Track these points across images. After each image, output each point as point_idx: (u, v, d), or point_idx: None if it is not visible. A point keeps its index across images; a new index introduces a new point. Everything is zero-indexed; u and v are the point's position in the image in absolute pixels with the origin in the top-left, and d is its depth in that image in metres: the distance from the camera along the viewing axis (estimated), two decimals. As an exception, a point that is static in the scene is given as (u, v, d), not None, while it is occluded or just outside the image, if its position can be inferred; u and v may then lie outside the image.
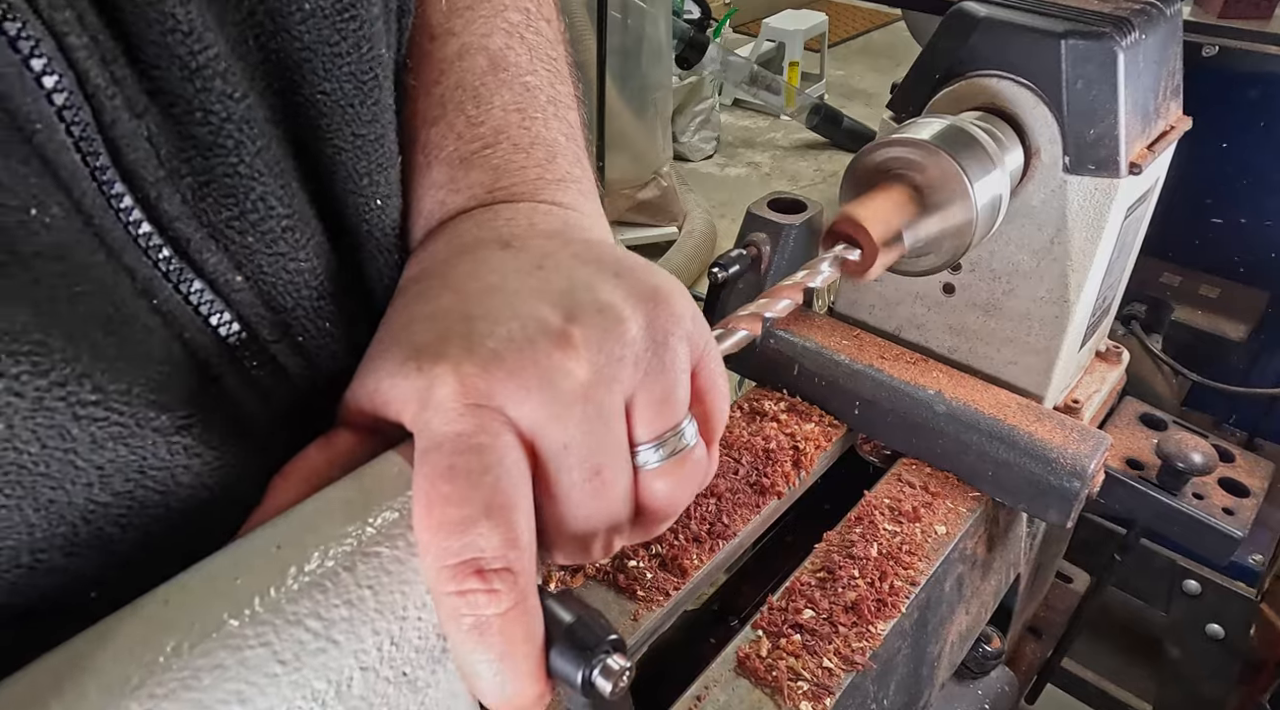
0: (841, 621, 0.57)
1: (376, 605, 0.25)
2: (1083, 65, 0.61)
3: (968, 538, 0.66)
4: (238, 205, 0.29)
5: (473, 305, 0.29)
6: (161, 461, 0.27)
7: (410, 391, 0.28)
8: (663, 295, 0.31)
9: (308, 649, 0.24)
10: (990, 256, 0.70)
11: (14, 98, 0.23)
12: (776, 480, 0.66)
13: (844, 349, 0.73)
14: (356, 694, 0.25)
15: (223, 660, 0.23)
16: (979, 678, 0.84)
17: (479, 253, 0.33)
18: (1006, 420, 0.66)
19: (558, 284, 0.30)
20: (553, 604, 0.28)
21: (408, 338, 0.29)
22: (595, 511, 0.29)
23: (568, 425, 0.27)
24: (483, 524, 0.25)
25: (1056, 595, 1.08)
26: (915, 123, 0.59)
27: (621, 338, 0.29)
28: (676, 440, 0.31)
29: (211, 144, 0.28)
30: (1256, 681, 1.08)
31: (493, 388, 0.27)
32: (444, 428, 0.27)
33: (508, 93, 0.38)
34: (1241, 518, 0.74)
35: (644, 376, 0.29)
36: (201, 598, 0.24)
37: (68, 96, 0.24)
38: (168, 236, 0.27)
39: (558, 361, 0.28)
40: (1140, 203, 0.71)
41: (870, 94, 4.42)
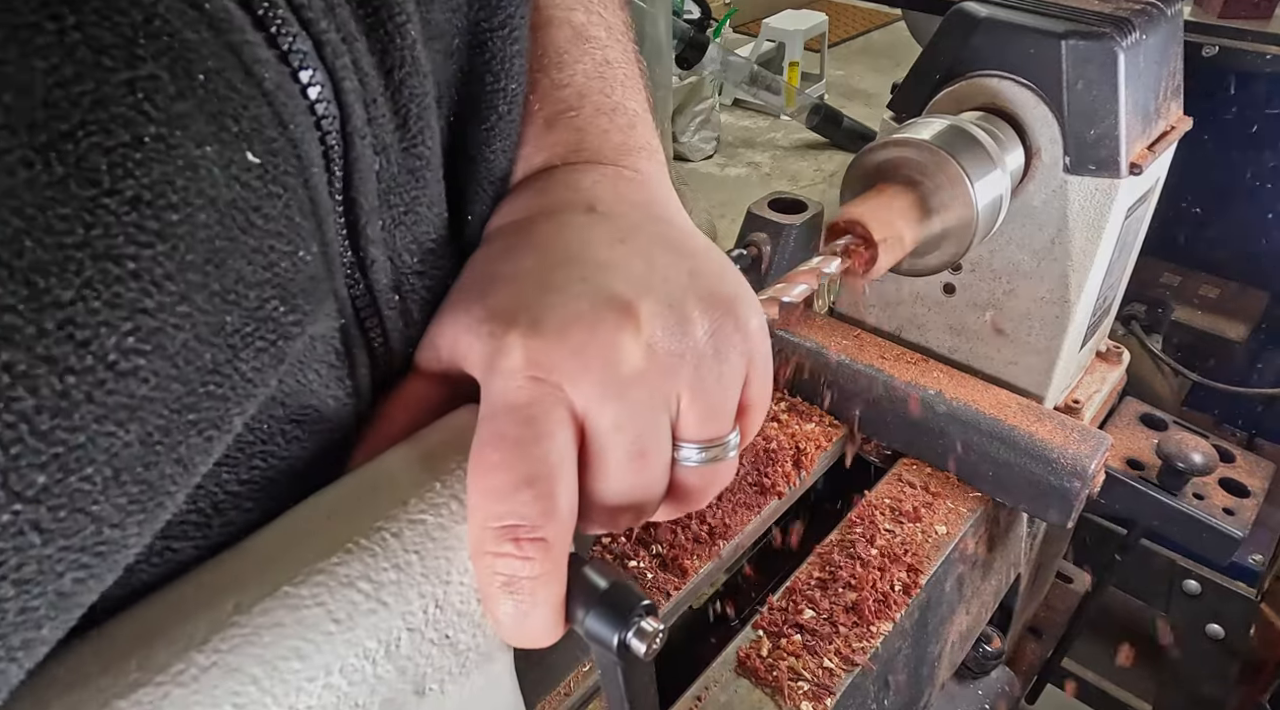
0: (842, 621, 0.57)
1: (423, 569, 0.27)
2: (1083, 65, 0.61)
3: (968, 538, 0.66)
4: (415, 231, 0.31)
5: (550, 273, 0.31)
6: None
7: (480, 352, 0.29)
8: (734, 303, 0.32)
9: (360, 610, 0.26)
10: (990, 256, 0.70)
11: (304, 143, 0.25)
12: (777, 480, 0.66)
13: (844, 349, 0.73)
14: (404, 654, 0.27)
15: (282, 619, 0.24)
16: (979, 678, 0.84)
17: (564, 215, 0.33)
18: (1007, 420, 0.66)
19: (635, 266, 0.31)
20: (589, 571, 0.29)
21: (484, 296, 0.31)
22: (631, 490, 0.30)
23: (620, 407, 0.29)
24: (525, 493, 0.27)
25: (1056, 595, 1.08)
26: (916, 123, 0.59)
27: (686, 338, 0.30)
28: (720, 450, 0.32)
29: (417, 178, 0.31)
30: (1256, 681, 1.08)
31: (555, 362, 0.28)
32: (503, 396, 0.28)
33: (589, 62, 0.38)
34: (1241, 518, 0.74)
35: (699, 381, 0.30)
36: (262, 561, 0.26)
37: (334, 137, 0.26)
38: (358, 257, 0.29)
39: (621, 344, 0.29)
40: (1141, 203, 0.71)
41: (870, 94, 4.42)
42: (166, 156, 0.20)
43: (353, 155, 0.27)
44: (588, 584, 0.29)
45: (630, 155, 0.37)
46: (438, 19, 0.31)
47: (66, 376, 0.19)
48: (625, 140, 0.38)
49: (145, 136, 0.20)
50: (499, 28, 0.33)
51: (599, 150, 0.37)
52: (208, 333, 0.22)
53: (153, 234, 0.20)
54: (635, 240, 0.32)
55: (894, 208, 0.56)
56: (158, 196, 0.20)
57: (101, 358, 0.19)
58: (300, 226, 0.25)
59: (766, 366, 0.33)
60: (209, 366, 0.23)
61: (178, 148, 0.21)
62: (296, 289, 0.25)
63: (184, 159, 0.21)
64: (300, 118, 0.24)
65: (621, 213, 0.34)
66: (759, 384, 0.33)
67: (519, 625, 0.28)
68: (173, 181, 0.20)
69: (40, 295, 0.18)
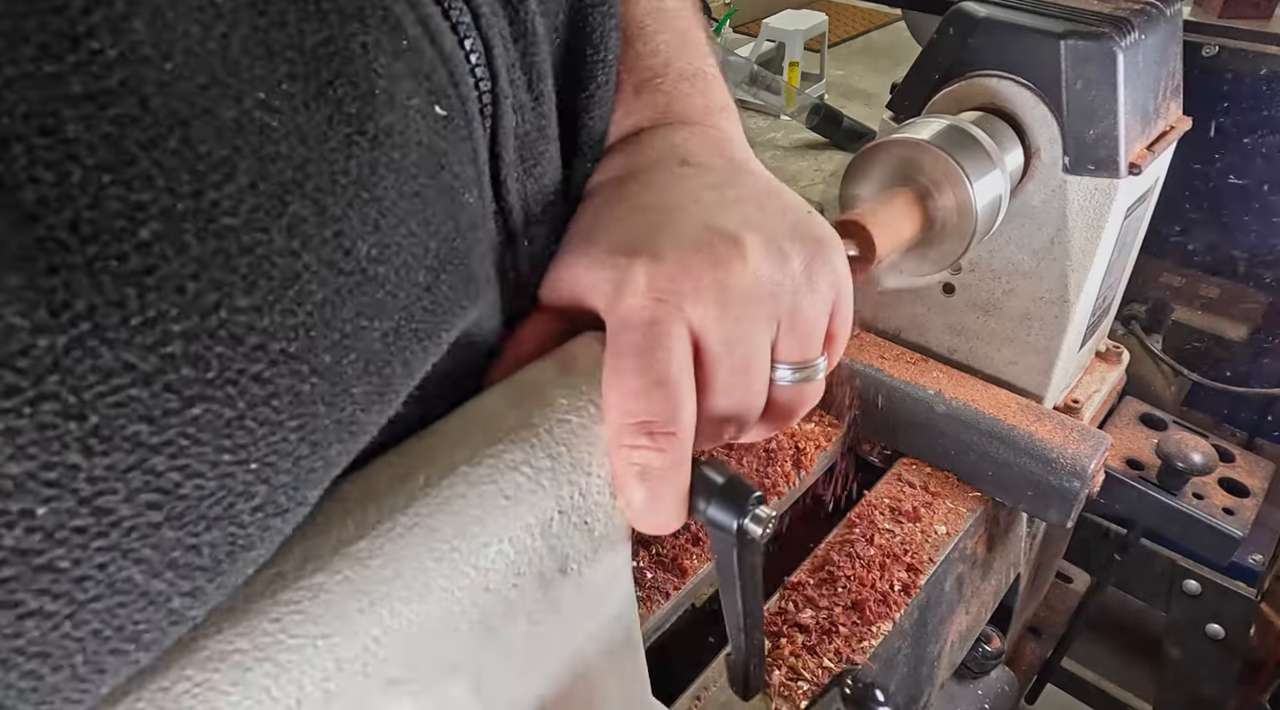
0: (842, 621, 0.57)
1: (571, 460, 0.31)
2: (1082, 65, 0.61)
3: (968, 537, 0.66)
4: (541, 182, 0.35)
5: (661, 214, 0.34)
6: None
7: (606, 282, 0.33)
8: (823, 243, 0.35)
9: (524, 489, 0.29)
10: (990, 256, 0.70)
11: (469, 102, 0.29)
12: (777, 480, 0.66)
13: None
14: (555, 532, 0.30)
15: (463, 492, 0.28)
16: (979, 677, 0.84)
17: (661, 169, 0.37)
18: (1006, 420, 0.66)
19: (735, 207, 0.35)
20: (707, 468, 0.33)
21: (603, 238, 0.34)
22: (736, 402, 0.34)
23: (730, 324, 0.32)
24: (656, 393, 0.30)
25: (1056, 595, 1.08)
26: (915, 123, 0.59)
27: (784, 268, 0.33)
28: (810, 371, 0.36)
29: (543, 134, 0.34)
30: (1256, 681, 1.08)
31: (675, 285, 0.31)
32: (632, 313, 0.32)
33: (669, 32, 0.42)
34: (1241, 518, 0.74)
35: (796, 308, 0.34)
36: (442, 447, 0.30)
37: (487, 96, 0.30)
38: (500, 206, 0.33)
39: (732, 271, 0.32)
40: (1140, 203, 0.71)
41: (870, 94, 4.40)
42: (390, 105, 0.24)
43: (499, 113, 0.31)
44: (706, 479, 0.32)
45: (713, 115, 0.41)
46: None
47: (339, 276, 0.23)
48: (706, 102, 0.41)
49: (377, 89, 0.24)
50: (599, 3, 0.37)
51: (684, 112, 0.40)
52: (421, 254, 0.26)
53: (385, 167, 0.24)
54: (730, 188, 0.36)
55: (893, 208, 0.56)
56: (387, 137, 0.24)
57: (358, 262, 0.23)
58: (469, 173, 0.29)
59: (849, 300, 0.37)
60: (423, 284, 0.26)
61: (397, 98, 0.25)
62: (467, 224, 0.29)
63: (402, 108, 0.25)
64: (466, 79, 0.29)
65: (713, 165, 0.37)
66: (843, 315, 0.37)
67: (650, 510, 0.32)
68: (396, 126, 0.25)
69: (324, 210, 0.22)
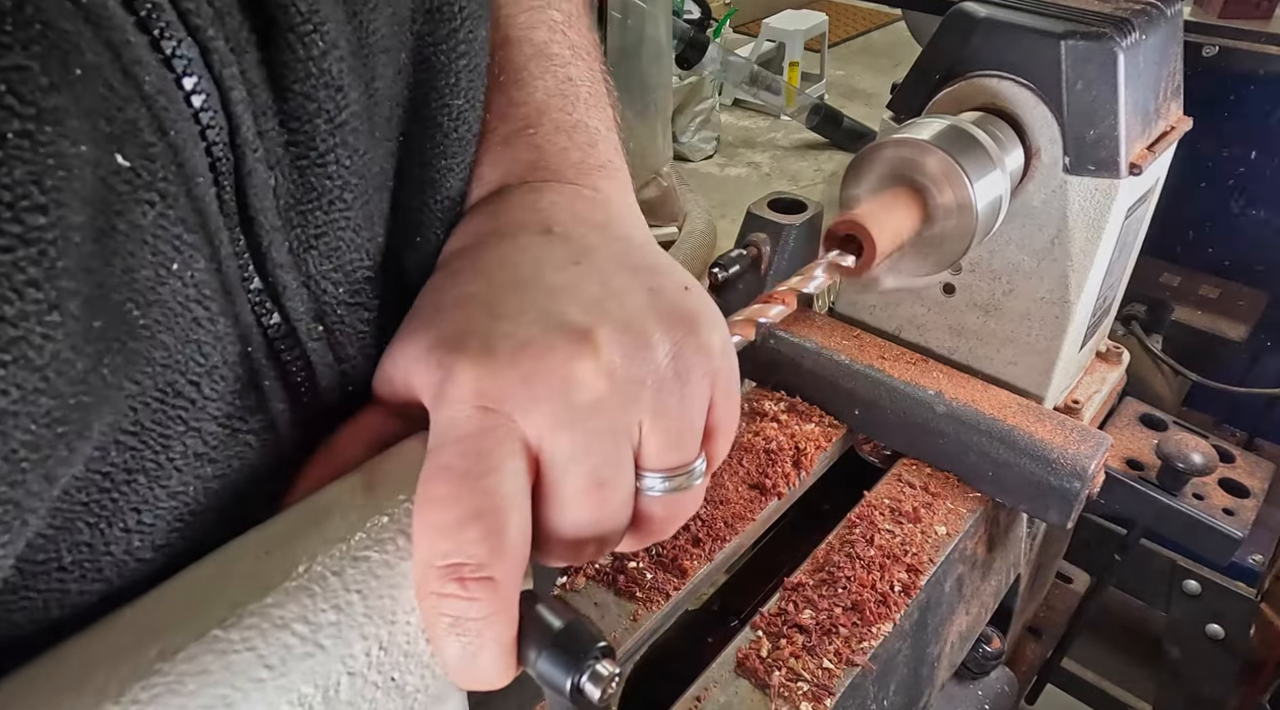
0: (841, 622, 0.57)
1: (365, 610, 0.26)
2: (1083, 66, 0.60)
3: (968, 538, 0.66)
4: (336, 259, 0.30)
5: (502, 297, 0.29)
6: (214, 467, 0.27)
7: (428, 382, 0.28)
8: (695, 323, 0.30)
9: (294, 653, 0.24)
10: (990, 256, 0.70)
11: (186, 151, 0.23)
12: (777, 481, 0.66)
13: (844, 349, 0.73)
14: (344, 699, 0.25)
15: (208, 665, 0.23)
16: (979, 678, 0.84)
17: (519, 238, 0.32)
18: (1007, 421, 0.66)
19: (590, 289, 0.30)
20: (543, 610, 0.28)
21: (435, 323, 0.29)
22: (592, 522, 0.29)
23: (575, 437, 0.27)
24: (471, 530, 0.26)
25: (1056, 595, 1.08)
26: (915, 123, 0.59)
27: (646, 362, 0.29)
28: (685, 478, 0.31)
29: (333, 198, 0.29)
30: (1256, 681, 1.08)
31: (504, 391, 0.27)
32: (451, 427, 0.27)
33: (550, 79, 0.38)
34: (1241, 518, 0.74)
35: (661, 407, 0.29)
36: (188, 603, 0.24)
37: (221, 148, 0.25)
38: (266, 282, 0.28)
39: (575, 372, 0.27)
40: (1140, 203, 0.71)
41: (870, 94, 4.42)
42: (34, 155, 0.19)
43: (244, 169, 0.26)
44: (541, 623, 0.28)
45: (590, 174, 0.36)
46: (382, 30, 0.29)
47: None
48: (584, 158, 0.37)
49: (8, 132, 0.19)
50: (443, 41, 0.32)
51: (558, 168, 0.36)
52: (80, 341, 0.21)
53: (14, 237, 0.19)
54: (592, 261, 0.31)
55: (893, 208, 0.56)
56: (20, 197, 0.19)
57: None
58: (183, 239, 0.24)
59: (731, 387, 0.32)
60: (79, 377, 0.21)
61: (48, 145, 0.19)
62: (169, 300, 0.24)
63: (55, 157, 0.19)
64: (183, 124, 0.23)
65: (579, 233, 0.33)
66: (725, 406, 0.32)
67: (467, 667, 0.27)
68: (40, 181, 0.19)
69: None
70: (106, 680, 0.22)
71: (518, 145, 0.36)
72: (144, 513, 0.25)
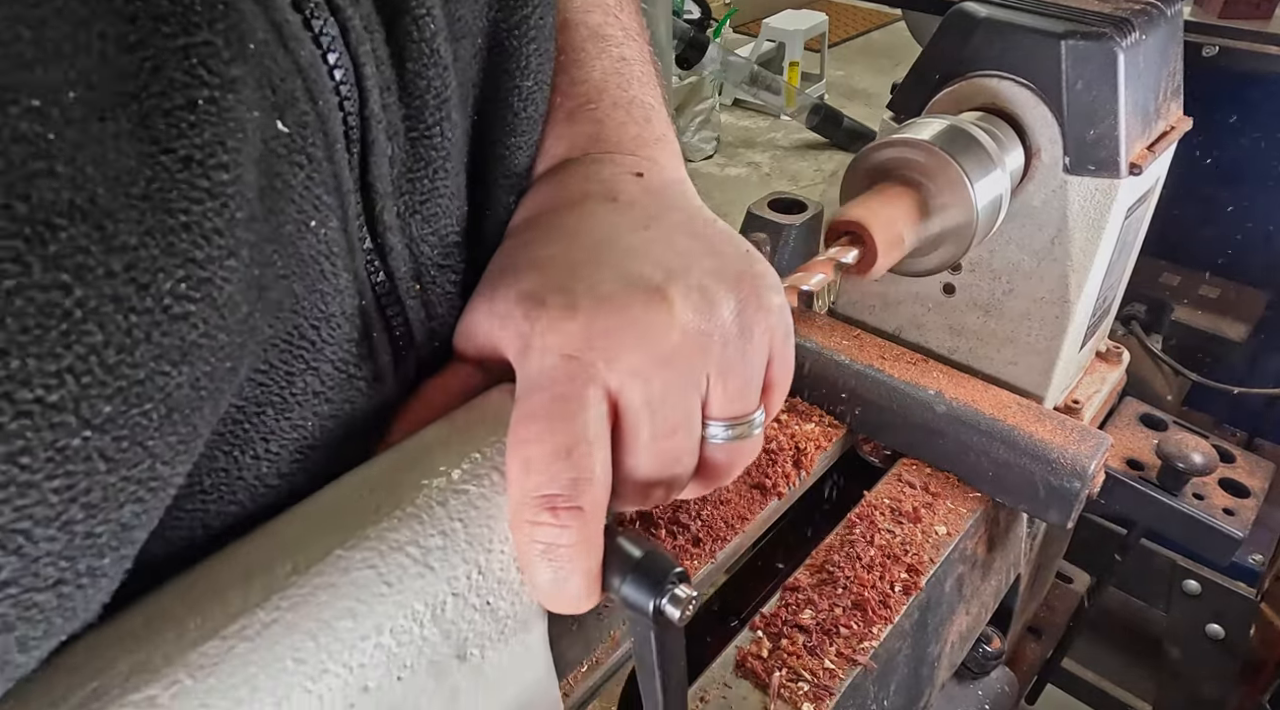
0: (842, 622, 0.57)
1: (467, 537, 0.28)
2: (1083, 66, 0.61)
3: (968, 538, 0.66)
4: (433, 224, 0.32)
5: (580, 258, 0.31)
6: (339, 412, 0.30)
7: (515, 335, 0.30)
8: (757, 283, 0.32)
9: (408, 573, 0.27)
10: (990, 256, 0.70)
11: (330, 120, 0.27)
12: (778, 481, 0.66)
13: (844, 349, 0.73)
14: (448, 617, 0.28)
15: (335, 580, 0.25)
16: (979, 678, 0.84)
17: (587, 205, 0.34)
18: (1007, 420, 0.66)
19: (660, 251, 0.32)
20: (623, 541, 0.30)
21: (516, 281, 0.31)
22: (662, 466, 0.31)
23: (651, 386, 0.29)
24: (562, 464, 0.28)
25: (1056, 595, 1.08)
26: (915, 123, 0.59)
27: (713, 318, 0.31)
28: (745, 428, 0.33)
29: (436, 168, 0.32)
30: (1256, 681, 1.08)
31: (588, 341, 0.29)
32: (539, 374, 0.29)
33: (606, 60, 0.40)
34: (1242, 518, 0.74)
35: (727, 360, 0.31)
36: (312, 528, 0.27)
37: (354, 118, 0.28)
38: (376, 242, 0.31)
39: (653, 325, 0.29)
40: (1140, 203, 0.71)
41: (870, 94, 4.42)
42: (218, 118, 0.22)
43: (369, 138, 0.28)
44: (623, 553, 0.30)
45: (647, 146, 0.39)
46: (465, 16, 0.32)
47: (130, 315, 0.20)
48: (641, 132, 0.39)
49: (199, 99, 0.21)
50: (515, 27, 0.35)
51: (617, 141, 0.38)
52: (245, 286, 0.24)
53: (202, 191, 0.21)
54: (658, 227, 0.33)
55: (894, 208, 0.56)
56: (208, 156, 0.21)
57: (159, 300, 0.21)
58: (322, 200, 0.27)
59: (788, 344, 0.34)
60: (243, 317, 0.24)
61: (230, 111, 0.22)
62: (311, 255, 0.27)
63: (235, 122, 0.22)
64: (328, 96, 0.26)
65: (642, 201, 0.35)
66: (782, 361, 0.34)
67: (557, 591, 0.29)
68: (223, 142, 0.22)
69: (109, 238, 0.19)
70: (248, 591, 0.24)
71: (580, 120, 0.38)
72: (271, 442, 0.28)
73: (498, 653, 0.30)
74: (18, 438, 0.18)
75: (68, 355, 0.19)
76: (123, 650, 0.22)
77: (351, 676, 0.25)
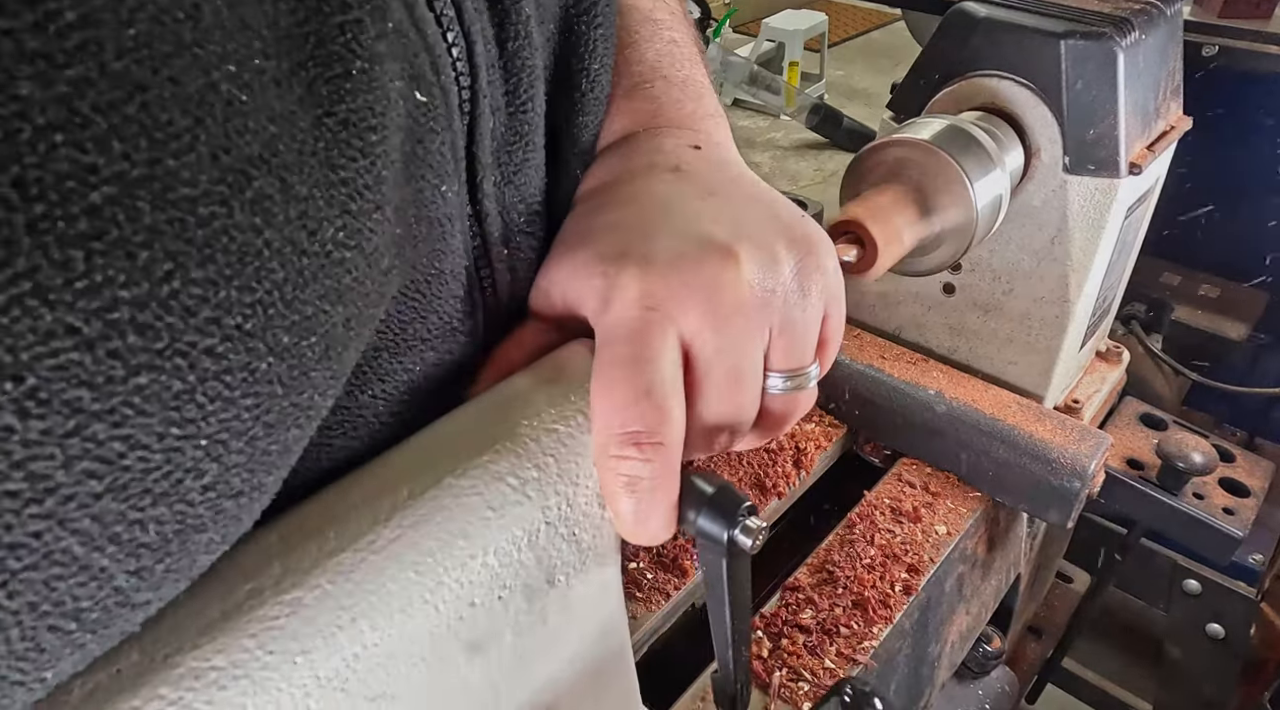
0: (842, 622, 0.57)
1: (558, 470, 0.30)
2: (1082, 65, 0.61)
3: (968, 538, 0.66)
4: (522, 191, 0.35)
5: (652, 221, 0.34)
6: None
7: (594, 291, 0.32)
8: (814, 246, 0.35)
9: (509, 500, 0.29)
10: (990, 256, 0.70)
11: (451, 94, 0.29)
12: (778, 481, 0.66)
13: (844, 349, 0.73)
14: (541, 544, 0.30)
15: (447, 504, 0.28)
16: (979, 678, 0.84)
17: (651, 174, 0.37)
18: (1007, 420, 0.66)
19: (726, 214, 0.34)
20: (696, 478, 0.32)
21: (592, 243, 0.34)
22: (727, 411, 0.33)
23: (721, 335, 0.31)
24: (644, 404, 0.30)
25: (1057, 595, 1.08)
26: (915, 123, 0.59)
27: (776, 275, 0.33)
28: (802, 379, 0.35)
29: (528, 141, 0.34)
30: (1257, 681, 1.08)
31: (664, 293, 0.31)
32: (620, 323, 0.31)
33: (659, 42, 0.42)
34: (1242, 518, 0.74)
35: (787, 315, 0.33)
36: (424, 459, 0.29)
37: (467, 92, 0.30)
38: (475, 210, 0.33)
39: (723, 280, 0.31)
40: (1140, 203, 0.71)
41: (870, 94, 4.42)
42: (369, 87, 0.24)
43: (477, 111, 0.31)
44: (696, 489, 0.32)
45: (702, 121, 0.41)
46: (546, 2, 0.35)
47: (302, 257, 0.23)
48: (696, 108, 0.41)
49: (353, 70, 0.24)
50: (584, 13, 0.37)
51: (674, 117, 0.40)
52: (387, 242, 0.26)
53: (356, 150, 0.24)
54: (721, 193, 0.35)
55: (894, 208, 0.56)
56: (362, 120, 0.24)
57: (323, 246, 0.23)
58: (448, 164, 0.29)
59: (841, 303, 0.37)
60: (386, 268, 0.26)
61: (377, 80, 0.25)
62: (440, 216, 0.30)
63: (381, 90, 0.25)
64: (447, 70, 0.29)
65: (703, 171, 0.37)
66: (835, 319, 0.36)
67: (639, 522, 0.31)
68: (373, 108, 0.24)
69: (288, 188, 0.22)
70: (377, 509, 0.27)
71: (638, 98, 0.41)
72: (386, 383, 0.31)
73: (581, 582, 0.32)
74: (224, 358, 0.21)
75: (259, 289, 0.21)
76: (274, 556, 0.25)
77: (462, 591, 0.28)
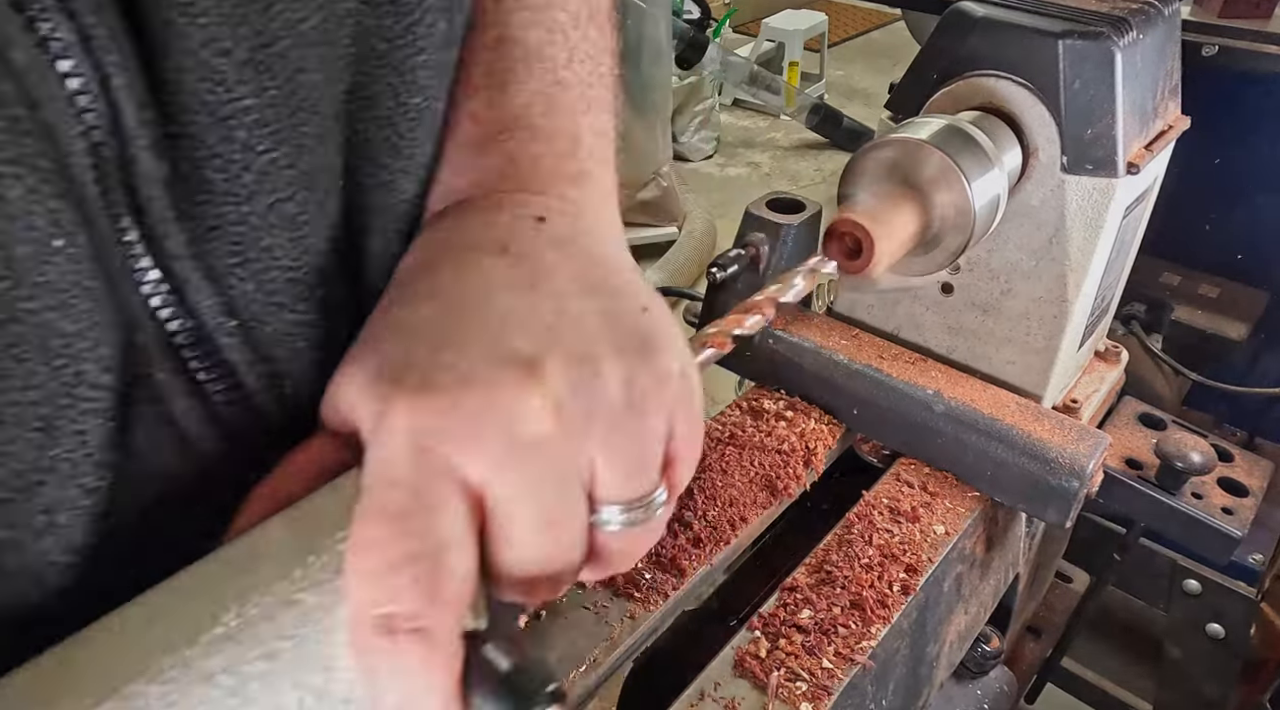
0: (840, 622, 0.57)
1: (299, 657, 0.24)
2: (1080, 65, 0.61)
3: (966, 537, 0.66)
4: (242, 255, 0.29)
5: (448, 324, 0.28)
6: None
7: (366, 415, 0.27)
8: (651, 348, 0.29)
9: (217, 708, 0.23)
10: (988, 256, 0.70)
11: (59, 130, 0.24)
12: (789, 483, 0.66)
13: (843, 349, 0.73)
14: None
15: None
16: (978, 678, 0.84)
17: (473, 255, 0.31)
18: (1005, 420, 0.66)
19: (543, 314, 0.29)
20: (490, 651, 0.26)
21: (379, 349, 0.28)
22: (541, 560, 0.28)
23: (520, 476, 0.26)
24: (404, 576, 0.25)
25: (1056, 595, 1.08)
26: (913, 122, 0.59)
27: (596, 394, 0.28)
28: (643, 511, 0.30)
29: (225, 193, 0.28)
30: (1257, 681, 1.08)
31: (443, 429, 0.26)
32: (385, 467, 0.26)
33: (536, 84, 0.36)
34: (1241, 517, 0.74)
35: (615, 439, 0.28)
36: (106, 655, 0.23)
37: (103, 132, 0.25)
38: (166, 272, 0.28)
39: (519, 408, 0.26)
40: (1139, 202, 0.71)
41: (870, 94, 4.42)
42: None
43: (128, 155, 0.26)
44: (488, 666, 0.26)
45: (561, 183, 0.35)
46: (309, 23, 0.28)
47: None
48: (558, 166, 0.35)
49: None
50: (399, 36, 0.31)
51: (528, 177, 0.34)
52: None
53: None
54: (548, 283, 0.30)
55: (892, 208, 0.56)
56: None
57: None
58: (61, 215, 0.24)
59: (691, 415, 0.31)
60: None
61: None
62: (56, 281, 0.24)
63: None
64: (56, 105, 0.24)
65: (536, 253, 0.31)
66: (685, 434, 0.31)
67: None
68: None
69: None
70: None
71: (489, 152, 0.35)
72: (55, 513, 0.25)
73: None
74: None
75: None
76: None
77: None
